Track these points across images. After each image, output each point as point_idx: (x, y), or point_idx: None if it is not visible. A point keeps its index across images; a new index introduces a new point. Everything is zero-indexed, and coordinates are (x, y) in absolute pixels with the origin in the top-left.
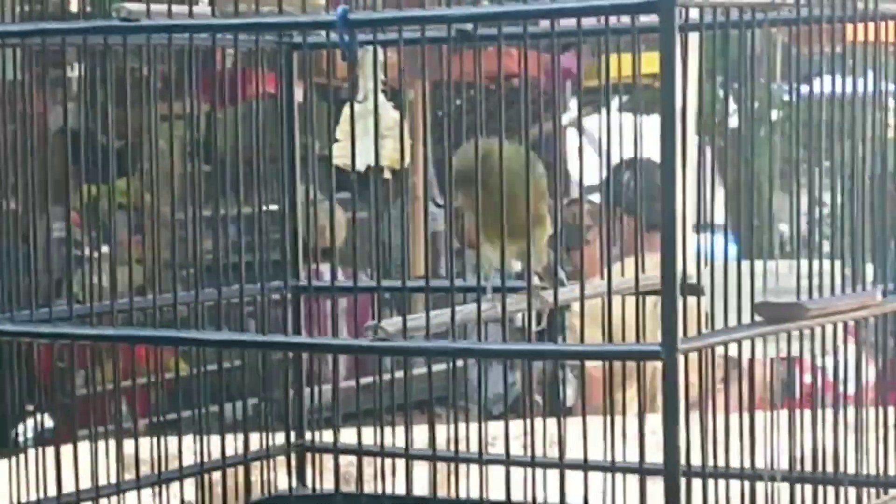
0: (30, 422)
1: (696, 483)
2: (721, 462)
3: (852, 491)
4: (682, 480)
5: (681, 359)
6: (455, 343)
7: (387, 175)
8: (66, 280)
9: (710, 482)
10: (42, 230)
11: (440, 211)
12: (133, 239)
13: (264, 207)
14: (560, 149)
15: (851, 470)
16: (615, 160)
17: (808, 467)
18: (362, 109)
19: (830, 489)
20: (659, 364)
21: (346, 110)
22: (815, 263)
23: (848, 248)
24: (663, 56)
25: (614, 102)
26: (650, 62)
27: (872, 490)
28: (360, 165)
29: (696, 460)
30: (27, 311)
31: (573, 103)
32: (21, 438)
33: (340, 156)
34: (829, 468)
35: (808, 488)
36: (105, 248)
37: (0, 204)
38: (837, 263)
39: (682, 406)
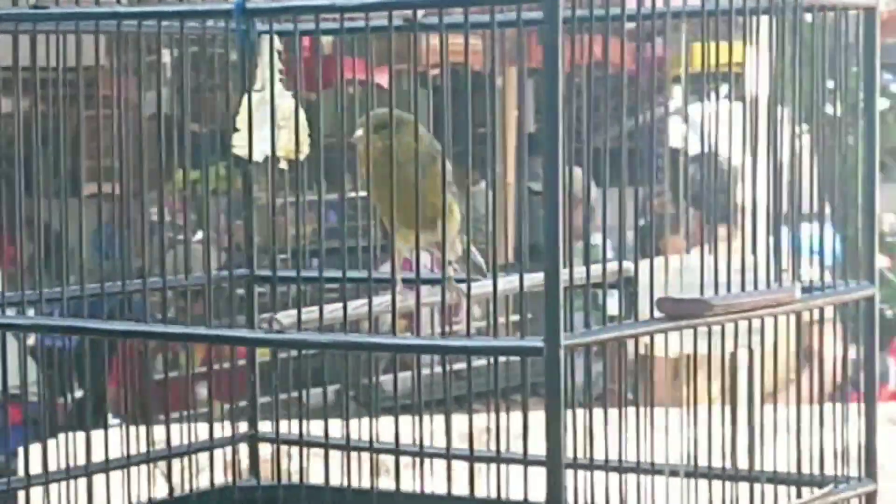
0: None
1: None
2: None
3: (769, 489)
4: (570, 473)
5: (563, 354)
6: (346, 336)
7: (282, 165)
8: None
9: (602, 475)
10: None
11: None
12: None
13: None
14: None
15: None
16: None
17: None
18: (260, 99)
19: (744, 486)
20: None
21: (245, 100)
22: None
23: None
24: (547, 50)
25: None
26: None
27: (792, 488)
28: (258, 156)
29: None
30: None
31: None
32: None
33: (239, 146)
34: (745, 465)
35: (718, 484)
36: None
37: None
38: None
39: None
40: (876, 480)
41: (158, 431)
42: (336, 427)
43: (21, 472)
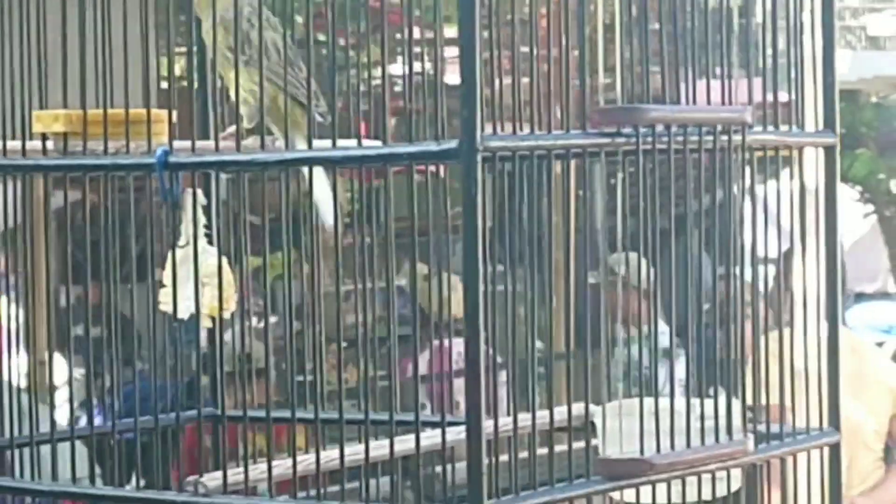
0: None
1: None
2: None
3: None
4: None
5: None
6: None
7: (206, 323)
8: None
9: None
10: None
11: None
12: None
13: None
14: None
15: None
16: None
17: None
18: (184, 255)
19: None
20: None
21: (170, 255)
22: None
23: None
24: (466, 203)
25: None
26: None
27: None
28: (183, 313)
29: None
30: None
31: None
32: None
33: (164, 302)
34: None
35: None
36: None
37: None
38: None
39: None
40: None
41: None
42: None
43: None
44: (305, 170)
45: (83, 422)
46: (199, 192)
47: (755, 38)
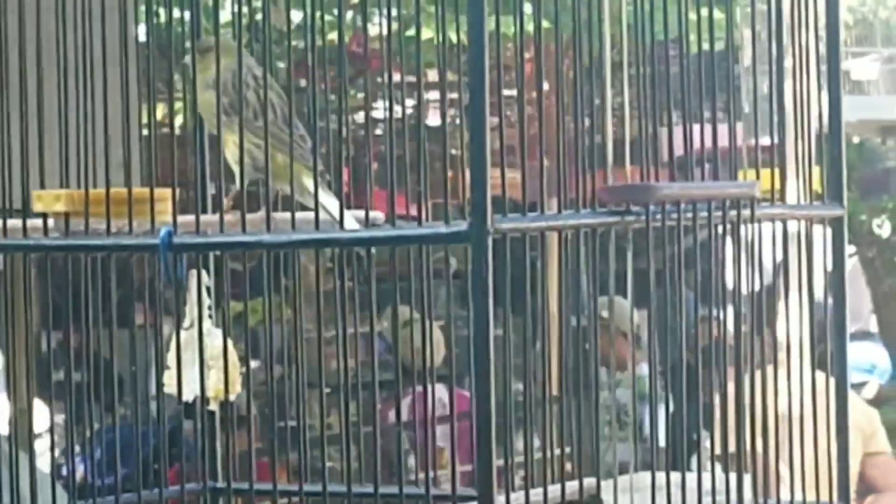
0: None
1: None
2: None
3: None
4: None
5: None
6: None
7: (212, 407)
8: None
9: None
10: None
11: None
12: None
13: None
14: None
15: None
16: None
17: None
18: (189, 337)
19: None
20: None
21: (174, 337)
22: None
23: None
24: (476, 285)
25: None
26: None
27: None
28: (188, 396)
29: None
30: None
31: None
32: None
33: (169, 384)
34: None
35: None
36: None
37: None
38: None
39: None
40: None
41: None
42: None
43: None
44: (308, 181)
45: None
46: (204, 273)
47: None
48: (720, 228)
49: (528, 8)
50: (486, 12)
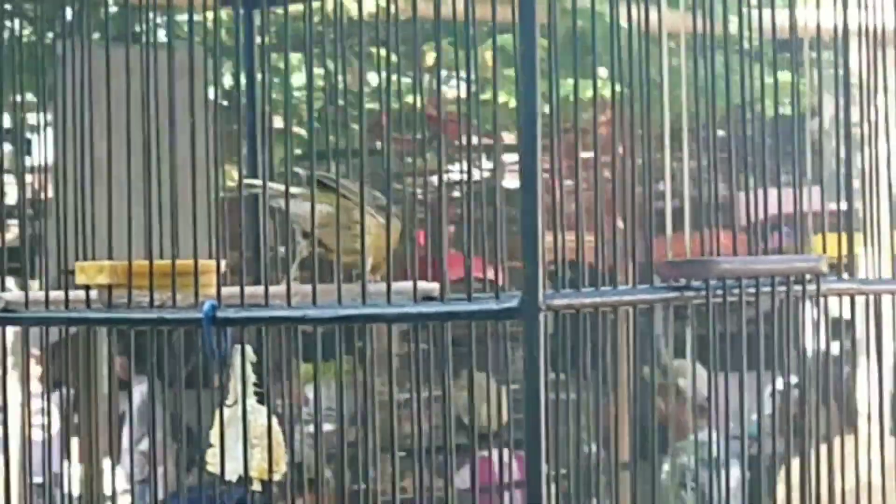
0: None
1: None
2: None
3: None
4: None
5: None
6: None
7: (256, 487)
8: None
9: None
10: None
11: None
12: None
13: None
14: None
15: None
16: None
17: None
18: (232, 414)
19: None
20: None
21: (218, 414)
22: None
23: None
24: (528, 362)
25: None
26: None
27: None
28: (230, 474)
29: None
30: None
31: None
32: None
33: (212, 463)
34: None
35: None
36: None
37: None
38: None
39: None
40: None
41: None
42: None
43: None
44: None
45: None
46: (248, 347)
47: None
48: (791, 301)
49: (602, 72)
50: (539, 77)
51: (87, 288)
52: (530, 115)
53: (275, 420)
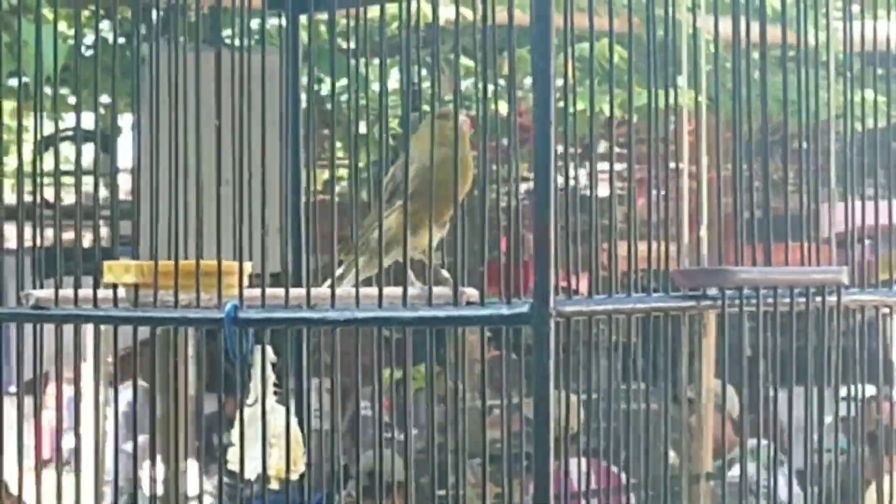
0: None
1: None
2: None
3: None
4: None
5: None
6: None
7: (273, 485)
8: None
9: None
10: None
11: None
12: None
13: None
14: None
15: None
16: None
17: None
18: (252, 414)
19: None
20: None
21: (239, 413)
22: None
23: None
24: (538, 369)
25: None
26: None
27: None
28: (250, 473)
29: None
30: None
31: None
32: None
33: (232, 461)
34: None
35: None
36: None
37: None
38: None
39: None
40: None
41: None
42: None
43: None
44: None
45: None
46: (269, 348)
47: None
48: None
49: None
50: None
51: (114, 287)
52: (544, 126)
53: (293, 420)
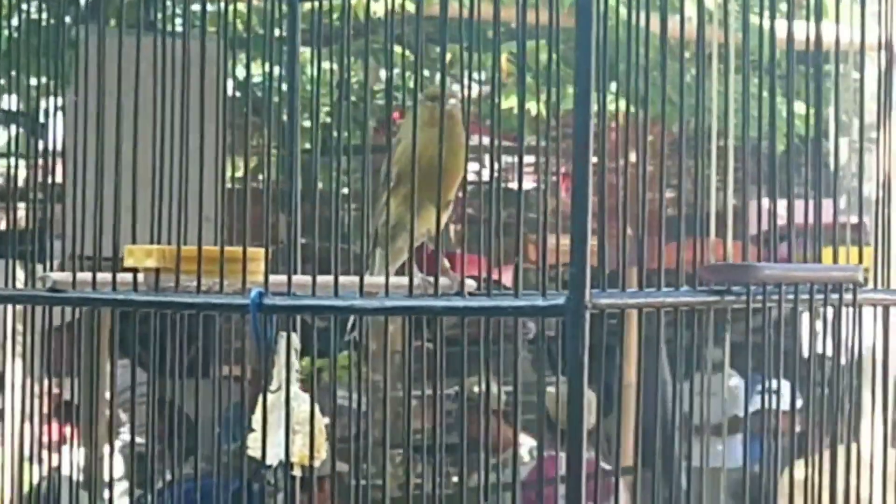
0: None
1: None
2: None
3: None
4: None
5: None
6: None
7: (296, 472)
8: None
9: None
10: None
11: None
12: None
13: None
14: None
15: None
16: None
17: None
18: (275, 400)
19: None
20: None
21: (261, 400)
22: None
23: None
24: (571, 361)
25: None
26: None
27: None
28: (271, 459)
29: None
30: None
31: None
32: None
33: (253, 447)
34: None
35: None
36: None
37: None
38: None
39: None
40: None
41: None
42: None
43: None
44: None
45: None
46: (294, 336)
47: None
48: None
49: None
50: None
51: (134, 271)
52: (583, 122)
53: (317, 407)
